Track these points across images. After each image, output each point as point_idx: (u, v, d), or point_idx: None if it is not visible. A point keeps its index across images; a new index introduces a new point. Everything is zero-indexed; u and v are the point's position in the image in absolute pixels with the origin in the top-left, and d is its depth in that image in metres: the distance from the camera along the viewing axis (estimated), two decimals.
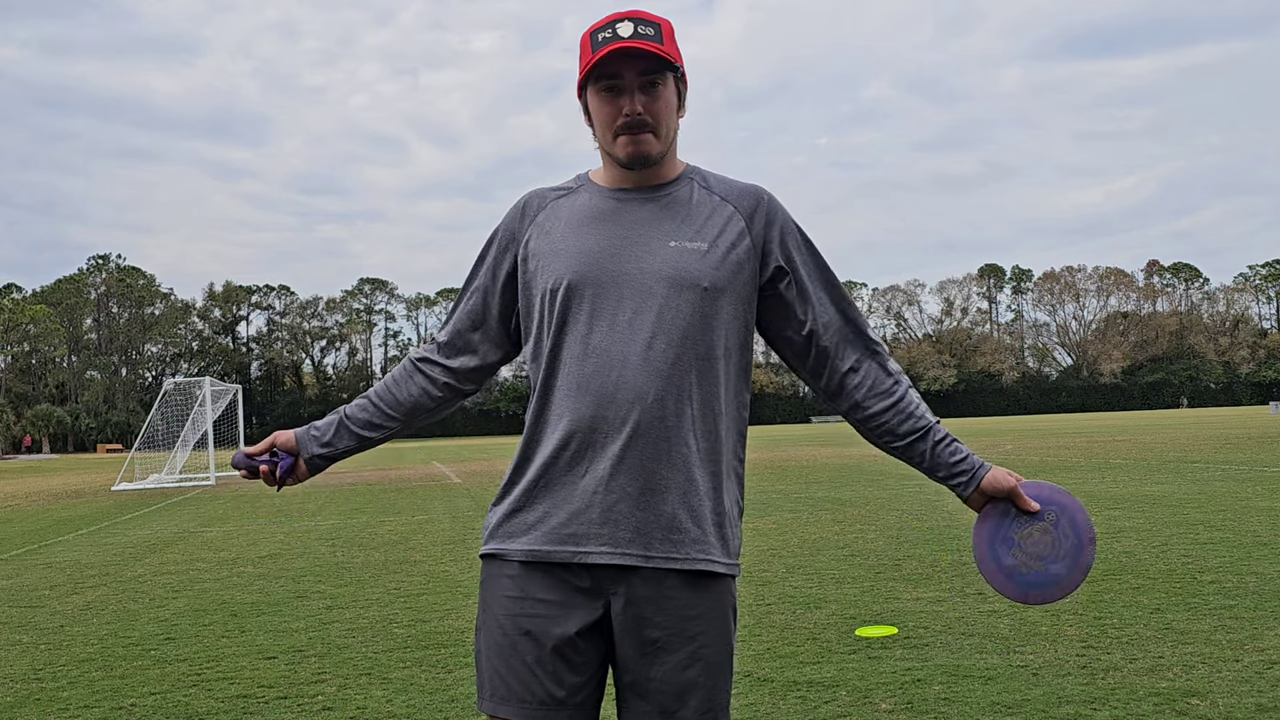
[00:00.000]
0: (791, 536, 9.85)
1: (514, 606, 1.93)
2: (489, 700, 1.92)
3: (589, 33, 1.94)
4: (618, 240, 1.96)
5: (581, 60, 1.96)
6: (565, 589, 1.91)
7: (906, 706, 4.23)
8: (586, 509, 1.90)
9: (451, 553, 9.64)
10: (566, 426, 1.91)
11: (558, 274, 1.94)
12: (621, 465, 1.88)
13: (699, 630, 1.92)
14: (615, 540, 1.89)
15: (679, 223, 1.98)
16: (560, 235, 1.99)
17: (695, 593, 1.92)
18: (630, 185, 2.01)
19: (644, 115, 1.92)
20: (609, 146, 1.97)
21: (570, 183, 2.10)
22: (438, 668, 5.18)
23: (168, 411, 28.13)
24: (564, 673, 1.89)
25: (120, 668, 5.47)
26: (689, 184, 2.03)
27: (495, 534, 1.99)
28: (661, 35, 1.93)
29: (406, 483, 22.15)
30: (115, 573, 9.26)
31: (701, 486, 1.93)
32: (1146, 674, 4.55)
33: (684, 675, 1.90)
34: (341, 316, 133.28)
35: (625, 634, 1.92)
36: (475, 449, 52.15)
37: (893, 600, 6.44)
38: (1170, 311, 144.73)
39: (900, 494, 14.23)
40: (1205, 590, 6.36)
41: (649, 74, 1.91)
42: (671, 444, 1.90)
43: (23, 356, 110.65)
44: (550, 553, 1.91)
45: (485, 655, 1.95)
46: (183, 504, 18.25)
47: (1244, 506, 10.88)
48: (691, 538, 1.91)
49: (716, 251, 1.96)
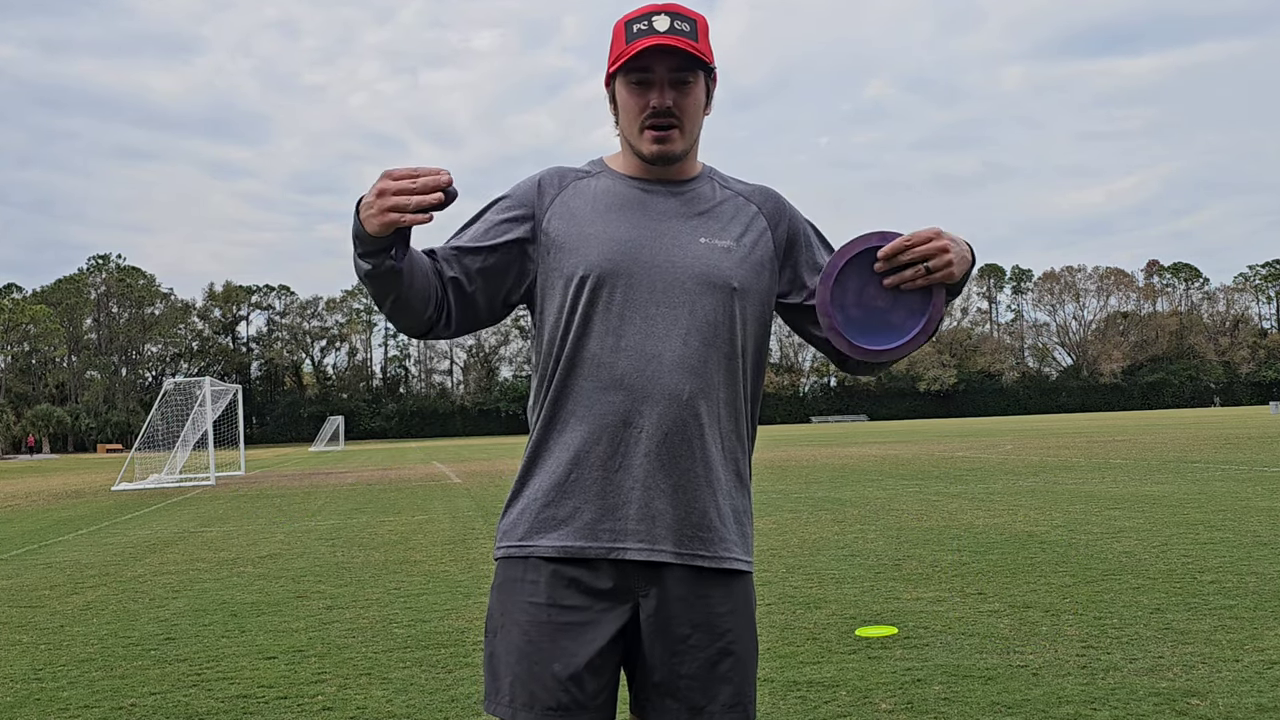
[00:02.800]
0: (791, 536, 9.85)
1: (540, 614, 1.88)
2: (508, 706, 1.87)
3: (624, 21, 1.91)
4: (647, 232, 1.93)
5: (613, 49, 1.92)
6: (592, 594, 1.88)
7: (906, 706, 4.23)
8: (623, 505, 1.88)
9: (451, 553, 9.63)
10: (598, 421, 1.88)
11: (588, 261, 1.90)
12: (657, 462, 1.87)
13: (728, 626, 1.93)
14: (652, 537, 1.88)
15: (706, 219, 1.97)
16: (586, 219, 1.94)
17: (724, 590, 1.93)
18: (652, 177, 1.99)
19: (672, 109, 1.90)
20: (634, 138, 1.94)
21: (586, 166, 2.04)
22: (438, 668, 5.18)
23: (168, 411, 28.12)
24: (588, 679, 1.86)
25: (120, 668, 5.47)
26: (709, 181, 2.03)
27: (519, 532, 1.93)
28: (697, 32, 1.90)
29: (406, 483, 22.13)
30: (115, 573, 9.25)
31: (726, 485, 1.95)
32: (1146, 674, 4.55)
33: (714, 671, 1.91)
34: (341, 316, 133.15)
35: (656, 634, 1.90)
36: (475, 449, 52.13)
37: (893, 600, 6.44)
38: (1170, 311, 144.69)
39: (900, 494, 14.23)
40: (1205, 590, 6.36)
41: (681, 71, 1.89)
42: (702, 442, 1.90)
43: (23, 356, 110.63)
44: (585, 549, 1.88)
45: (504, 661, 1.90)
46: (183, 504, 18.24)
47: (1244, 506, 10.87)
48: (719, 536, 1.93)
49: (743, 250, 1.96)
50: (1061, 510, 11.24)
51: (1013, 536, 9.20)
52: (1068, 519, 10.40)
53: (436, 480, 22.79)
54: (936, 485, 15.61)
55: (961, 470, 19.01)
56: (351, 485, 22.10)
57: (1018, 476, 16.80)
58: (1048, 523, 10.13)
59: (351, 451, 59.12)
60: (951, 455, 24.95)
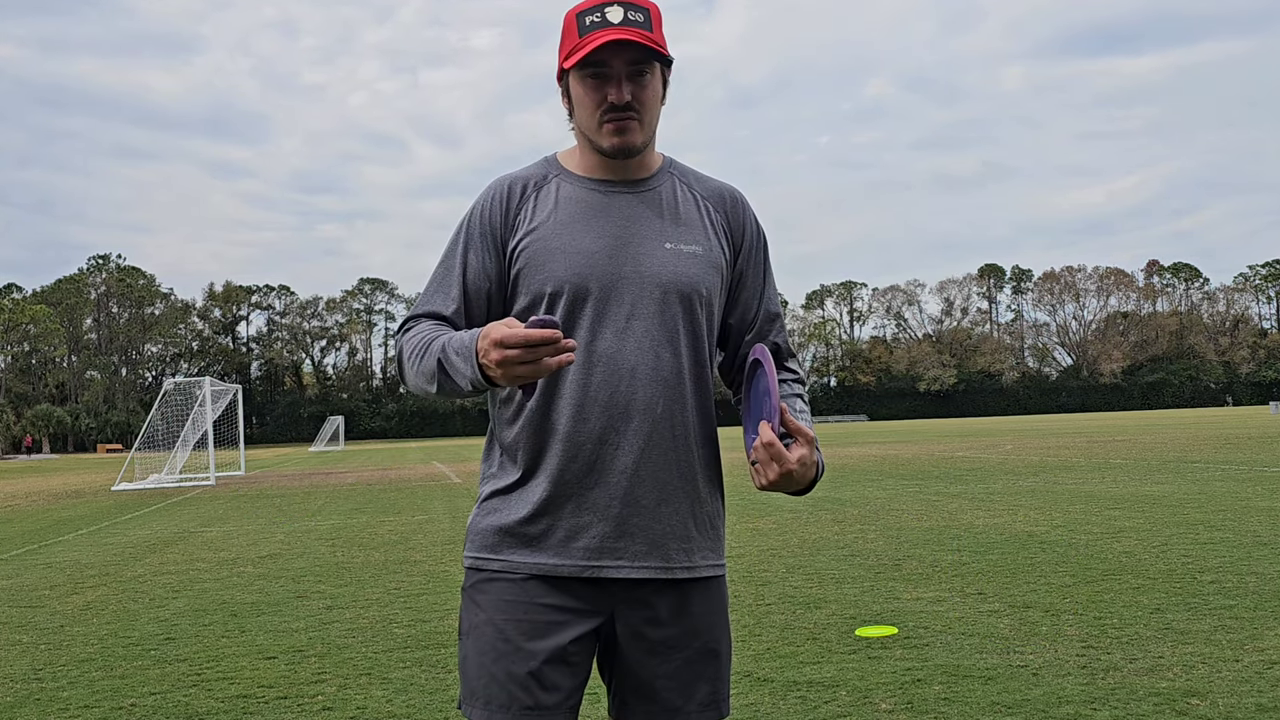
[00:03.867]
0: (791, 536, 9.85)
1: (515, 611, 1.86)
2: (482, 708, 1.84)
3: (575, 13, 1.85)
4: (613, 240, 1.89)
5: (565, 42, 1.87)
6: (569, 596, 1.86)
7: (906, 706, 4.23)
8: (599, 523, 1.85)
9: (451, 553, 9.64)
10: (575, 438, 1.84)
11: (558, 276, 1.86)
12: (636, 477, 1.85)
13: (705, 626, 1.93)
14: (633, 554, 1.86)
15: (670, 223, 1.93)
16: (551, 232, 1.89)
17: (701, 593, 1.93)
18: (611, 175, 1.93)
19: (631, 103, 1.84)
20: (592, 133, 1.88)
21: (538, 168, 1.97)
22: (438, 668, 5.18)
23: (168, 411, 28.13)
24: (559, 678, 1.84)
25: (120, 668, 5.47)
26: (670, 179, 1.98)
27: (491, 545, 1.90)
28: (651, 21, 1.84)
29: (406, 483, 22.14)
30: (115, 573, 9.25)
31: (704, 493, 1.94)
32: (1146, 674, 4.55)
33: (692, 670, 1.91)
34: (341, 316, 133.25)
35: (633, 639, 1.89)
36: (475, 449, 52.11)
37: (893, 600, 6.44)
38: (1170, 311, 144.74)
39: (900, 494, 14.23)
40: (1205, 590, 6.36)
41: (638, 64, 1.84)
42: (679, 453, 1.89)
43: (23, 356, 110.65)
44: (559, 568, 1.85)
45: (475, 660, 1.87)
46: (183, 504, 18.24)
47: (1244, 506, 10.88)
48: (699, 545, 1.92)
49: (709, 257, 1.94)
50: (1061, 510, 11.24)
51: (1013, 536, 9.20)
52: (1068, 519, 10.40)
53: (436, 480, 22.79)
54: (936, 485, 15.61)
55: (961, 470, 19.01)
56: (351, 485, 22.10)
57: (1018, 476, 16.80)
58: (1048, 523, 10.13)
59: (351, 451, 59.13)
60: (951, 455, 24.95)
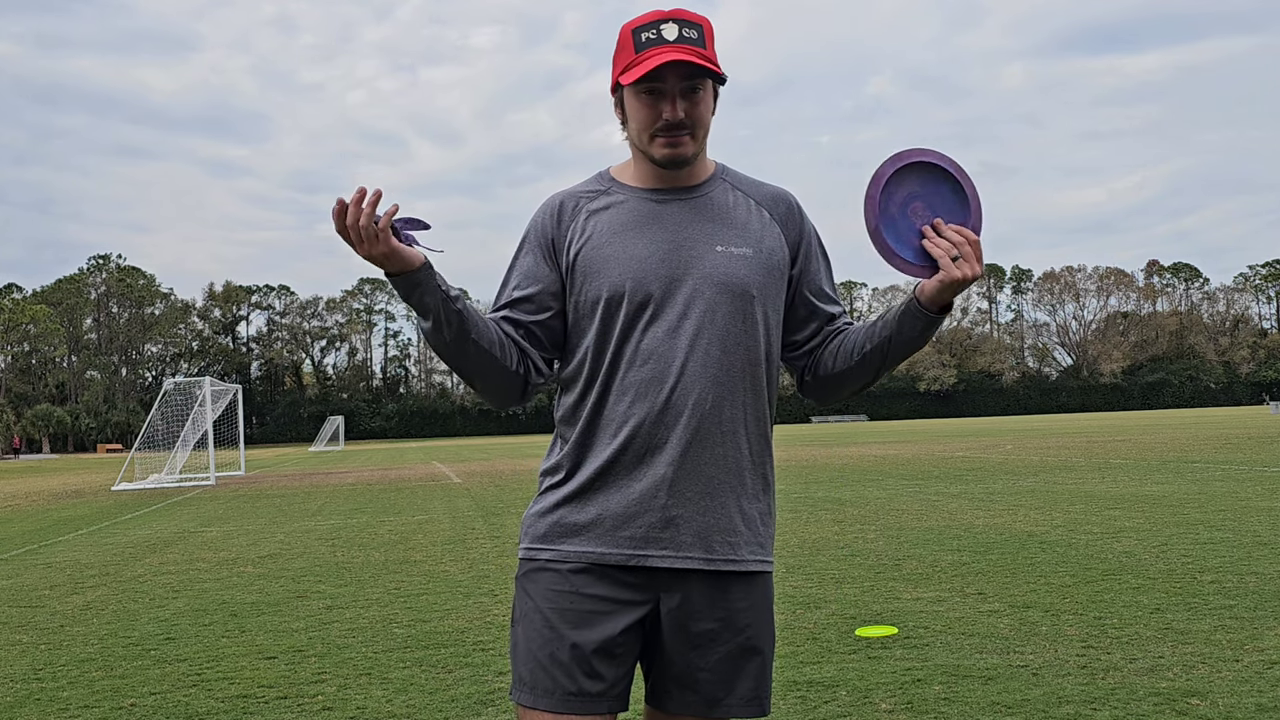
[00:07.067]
0: (791, 536, 9.85)
1: (561, 601, 1.91)
2: (528, 693, 1.90)
3: (630, 28, 1.91)
4: (666, 245, 1.95)
5: (621, 57, 1.93)
6: (616, 586, 1.92)
7: (906, 706, 4.23)
8: (645, 513, 1.91)
9: (451, 553, 9.64)
10: (626, 430, 1.91)
11: (611, 283, 1.93)
12: (682, 469, 1.90)
13: (748, 622, 1.97)
14: (677, 544, 1.91)
15: (721, 226, 1.98)
16: (606, 241, 1.96)
17: (744, 587, 1.98)
18: (664, 185, 2.00)
19: (684, 119, 1.91)
20: (644, 146, 1.95)
21: (595, 184, 2.05)
22: (438, 668, 5.18)
23: (168, 411, 28.14)
24: (604, 668, 1.89)
25: (120, 668, 5.47)
26: (722, 185, 2.04)
27: (542, 535, 1.97)
28: (704, 38, 1.91)
29: (406, 483, 22.14)
30: (115, 573, 9.25)
31: (752, 489, 1.99)
32: (1146, 674, 4.55)
33: (734, 665, 1.96)
34: (341, 316, 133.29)
35: (676, 629, 1.94)
36: (475, 449, 52.14)
37: (893, 600, 6.44)
38: (1170, 311, 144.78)
39: (900, 494, 14.24)
40: (1205, 590, 6.36)
41: (691, 79, 1.90)
42: (727, 448, 1.94)
43: (23, 356, 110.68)
44: (605, 555, 1.91)
45: (524, 647, 1.93)
46: (183, 504, 18.25)
47: (1244, 506, 10.87)
48: (745, 539, 1.97)
49: (760, 257, 1.98)
50: (1061, 510, 11.24)
51: (1013, 536, 9.20)
52: (1068, 519, 10.40)
53: (436, 480, 22.80)
54: (936, 485, 15.61)
55: (961, 470, 19.01)
56: (351, 485, 22.10)
57: (1018, 476, 16.80)
58: (1048, 523, 10.13)
59: (351, 451, 59.13)
60: (951, 455, 24.95)
